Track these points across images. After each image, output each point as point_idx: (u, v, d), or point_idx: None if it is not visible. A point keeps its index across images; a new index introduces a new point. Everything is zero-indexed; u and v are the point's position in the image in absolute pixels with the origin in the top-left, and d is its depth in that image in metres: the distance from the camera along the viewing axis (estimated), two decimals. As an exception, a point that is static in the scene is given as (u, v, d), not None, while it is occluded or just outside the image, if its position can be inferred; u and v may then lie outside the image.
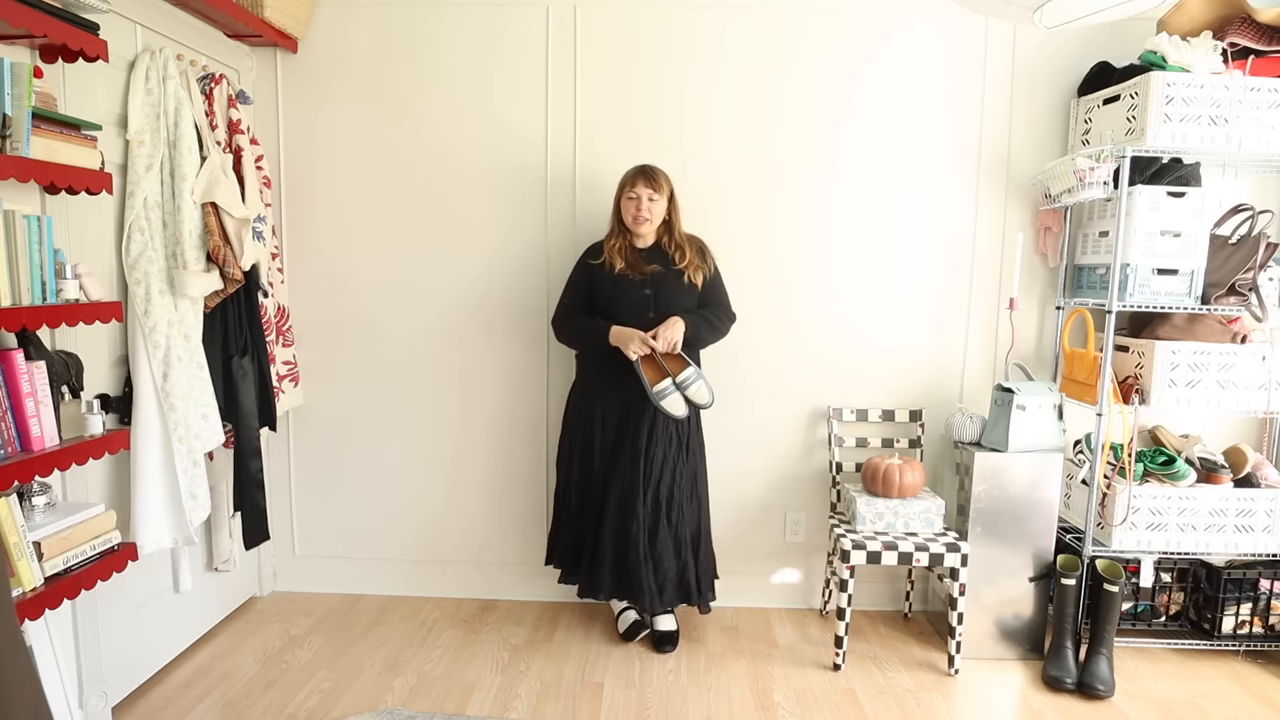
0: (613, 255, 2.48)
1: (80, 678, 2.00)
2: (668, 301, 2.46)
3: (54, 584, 1.67)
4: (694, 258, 2.50)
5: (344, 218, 2.82)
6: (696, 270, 2.49)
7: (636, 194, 2.43)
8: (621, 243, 2.50)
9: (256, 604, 2.86)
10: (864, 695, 2.33)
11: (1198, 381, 2.44)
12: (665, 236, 2.52)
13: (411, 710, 2.19)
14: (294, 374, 2.80)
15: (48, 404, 1.71)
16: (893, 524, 2.50)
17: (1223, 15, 2.42)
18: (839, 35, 2.71)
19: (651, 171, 2.45)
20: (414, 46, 2.75)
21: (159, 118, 2.13)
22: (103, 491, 2.08)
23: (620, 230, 2.51)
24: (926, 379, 2.84)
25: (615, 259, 2.47)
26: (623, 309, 2.45)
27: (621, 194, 2.48)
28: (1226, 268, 2.44)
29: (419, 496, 2.94)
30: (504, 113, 2.76)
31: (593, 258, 2.54)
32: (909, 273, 2.81)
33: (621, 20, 2.71)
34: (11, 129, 1.58)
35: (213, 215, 2.21)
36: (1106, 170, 2.35)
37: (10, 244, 1.61)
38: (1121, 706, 2.29)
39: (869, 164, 2.76)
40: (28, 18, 1.59)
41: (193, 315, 2.22)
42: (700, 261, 2.51)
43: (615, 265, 2.46)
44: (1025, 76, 2.72)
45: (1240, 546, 2.48)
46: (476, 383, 2.88)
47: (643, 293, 2.46)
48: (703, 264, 2.52)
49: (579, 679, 2.39)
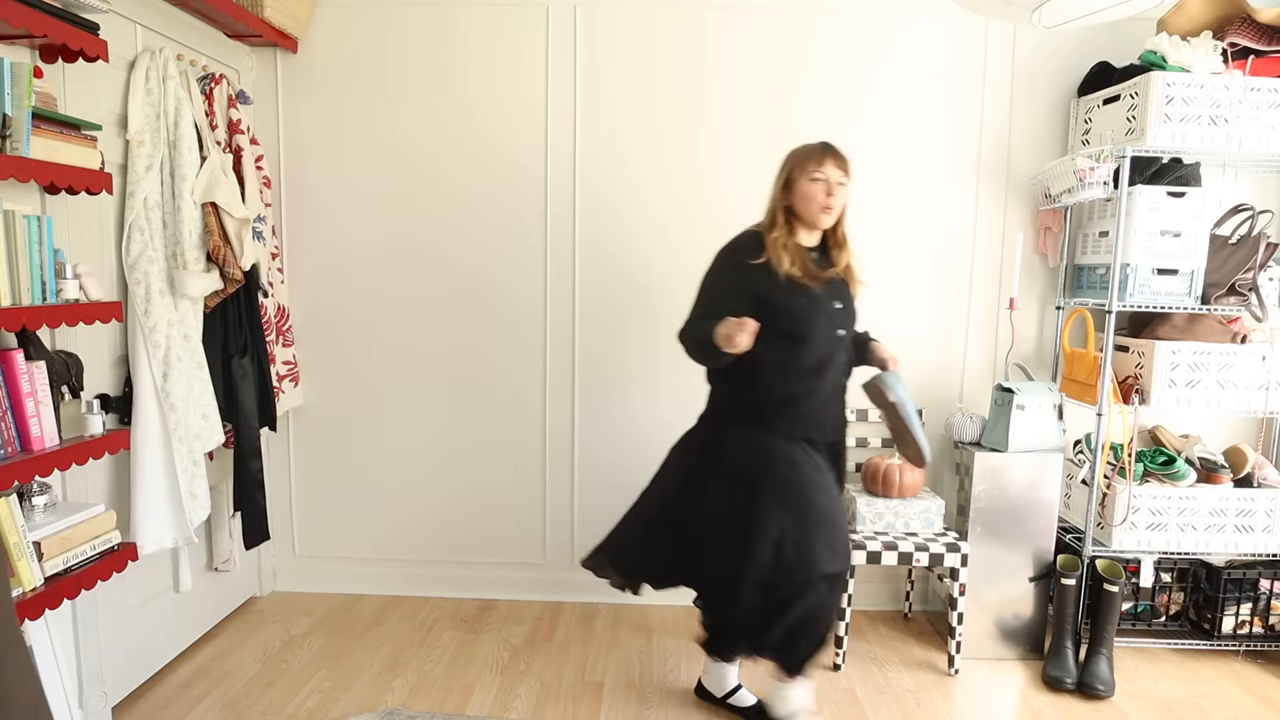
0: (779, 252, 1.93)
1: (80, 678, 2.00)
2: (853, 318, 2.02)
3: (54, 584, 1.67)
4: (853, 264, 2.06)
5: (344, 217, 2.82)
6: (855, 280, 2.06)
7: (824, 174, 1.92)
8: (788, 239, 1.97)
9: (256, 604, 2.86)
10: (864, 695, 2.33)
11: (1198, 381, 2.44)
12: (831, 236, 2.05)
13: (411, 710, 2.19)
14: (294, 374, 2.80)
15: (48, 404, 1.71)
16: (893, 524, 2.50)
17: (1223, 15, 2.42)
18: (839, 34, 2.71)
19: (839, 150, 1.97)
20: (414, 46, 2.75)
21: (159, 118, 2.13)
22: (103, 491, 2.08)
23: (787, 221, 1.98)
24: (926, 379, 2.84)
25: (782, 256, 1.93)
26: (816, 327, 1.94)
27: (801, 174, 1.95)
28: (1227, 268, 2.44)
29: (419, 496, 2.94)
30: (504, 112, 2.76)
31: (748, 255, 1.96)
32: (909, 272, 2.81)
33: (621, 20, 2.71)
34: (11, 129, 1.58)
35: (213, 215, 2.21)
36: (1106, 170, 2.35)
37: (10, 244, 1.61)
38: (1121, 706, 2.29)
39: (869, 164, 2.75)
40: (28, 18, 1.59)
41: (193, 315, 2.22)
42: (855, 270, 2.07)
43: (789, 268, 1.93)
44: (1025, 76, 2.72)
45: (1240, 546, 2.48)
46: (476, 382, 2.88)
47: (833, 306, 1.96)
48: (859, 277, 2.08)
49: (579, 679, 2.39)
